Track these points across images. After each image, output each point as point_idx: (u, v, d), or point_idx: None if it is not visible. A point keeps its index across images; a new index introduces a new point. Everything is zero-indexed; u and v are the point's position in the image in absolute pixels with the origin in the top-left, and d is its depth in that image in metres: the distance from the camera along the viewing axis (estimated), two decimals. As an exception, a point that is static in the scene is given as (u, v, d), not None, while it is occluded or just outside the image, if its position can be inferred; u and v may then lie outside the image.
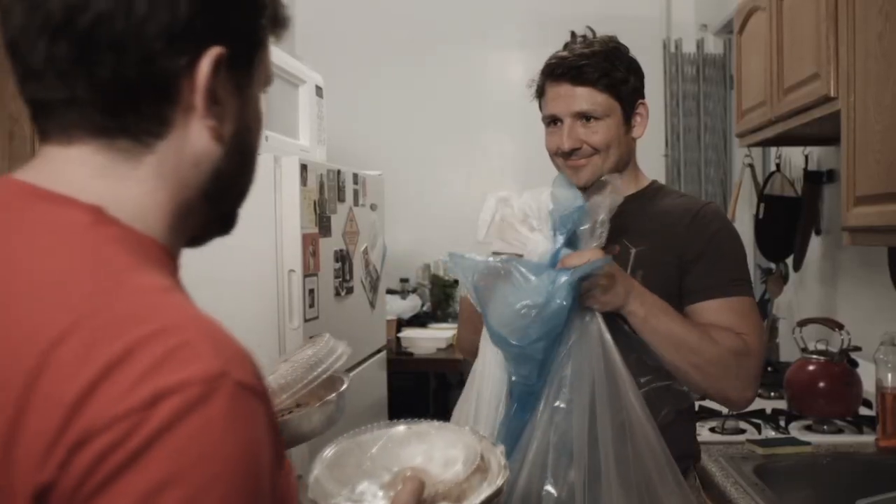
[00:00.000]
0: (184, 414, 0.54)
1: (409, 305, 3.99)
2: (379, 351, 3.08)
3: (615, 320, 1.34)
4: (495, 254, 1.38)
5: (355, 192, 2.77)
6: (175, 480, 0.53)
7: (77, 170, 0.66)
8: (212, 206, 0.73)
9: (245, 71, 0.70)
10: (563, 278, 1.21)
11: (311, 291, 2.32)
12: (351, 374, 1.17)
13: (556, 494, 1.20)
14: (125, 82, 0.63)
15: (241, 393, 0.57)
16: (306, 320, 2.28)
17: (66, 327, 0.55)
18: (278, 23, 0.73)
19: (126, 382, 0.53)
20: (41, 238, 0.62)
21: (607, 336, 1.27)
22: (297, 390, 1.02)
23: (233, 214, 0.78)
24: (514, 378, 1.27)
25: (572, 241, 1.32)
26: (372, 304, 2.97)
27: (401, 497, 0.87)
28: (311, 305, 2.32)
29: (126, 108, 0.65)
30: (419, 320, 4.01)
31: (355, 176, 2.78)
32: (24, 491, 0.53)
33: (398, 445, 1.02)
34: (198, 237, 0.76)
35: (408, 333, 3.77)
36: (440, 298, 4.08)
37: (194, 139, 0.67)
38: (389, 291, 3.73)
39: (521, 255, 1.35)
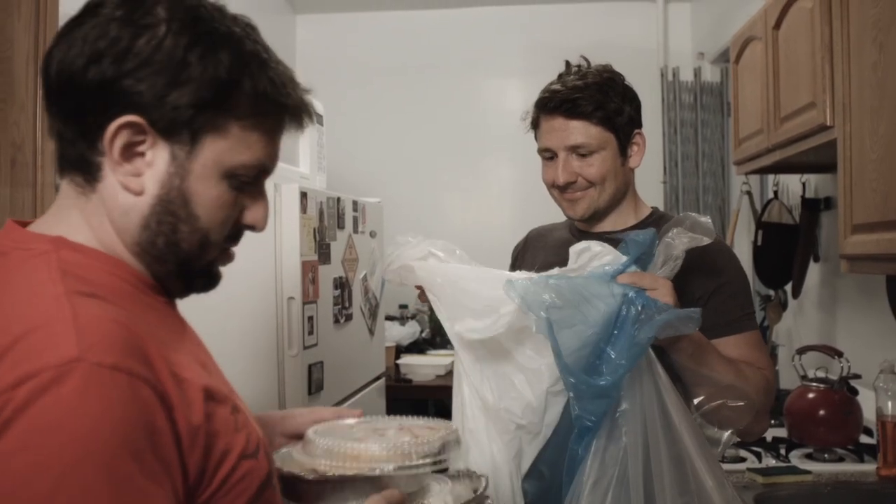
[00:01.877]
0: (39, 393, 0.65)
1: (408, 332, 3.98)
2: (378, 378, 3.07)
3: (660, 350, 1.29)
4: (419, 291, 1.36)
5: (355, 220, 2.78)
6: (26, 448, 0.64)
7: (63, 202, 0.83)
8: (154, 261, 0.83)
9: (184, 146, 0.79)
10: (640, 303, 1.17)
11: (311, 319, 2.32)
12: (360, 410, 1.18)
13: None
14: (69, 123, 0.78)
15: (100, 372, 0.67)
16: (305, 347, 2.27)
17: None
18: (271, 116, 0.83)
19: (3, 369, 0.66)
20: (11, 268, 0.77)
21: (658, 366, 1.22)
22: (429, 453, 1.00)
23: (191, 275, 0.86)
24: (576, 412, 1.22)
25: (638, 264, 1.26)
26: (371, 331, 2.97)
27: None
28: (311, 333, 2.32)
29: (74, 147, 0.79)
30: (418, 347, 4.00)
31: (355, 203, 2.79)
32: None
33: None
34: (169, 290, 0.86)
35: (407, 360, 3.76)
36: (439, 325, 4.07)
37: (120, 189, 0.79)
38: (388, 318, 3.73)
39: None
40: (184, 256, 0.83)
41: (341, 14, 4.47)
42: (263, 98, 0.81)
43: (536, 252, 1.64)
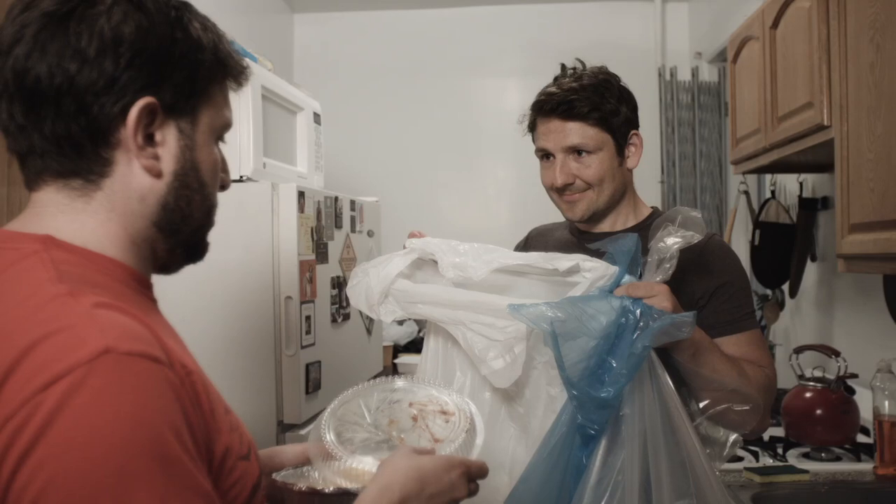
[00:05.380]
0: (74, 390, 0.64)
1: (406, 331, 3.98)
2: (375, 377, 3.07)
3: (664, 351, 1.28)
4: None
5: (352, 219, 2.78)
6: (74, 446, 0.63)
7: (44, 210, 0.81)
8: (167, 236, 0.85)
9: (187, 118, 0.82)
10: (638, 310, 1.17)
11: (308, 318, 2.32)
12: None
13: None
14: (67, 130, 0.77)
15: (131, 360, 0.67)
16: (303, 347, 2.27)
17: None
18: (231, 75, 0.87)
19: (26, 375, 0.65)
20: (2, 267, 0.76)
21: (660, 370, 1.21)
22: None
23: (195, 244, 0.89)
24: (580, 421, 1.22)
25: (631, 271, 1.26)
26: (368, 331, 2.97)
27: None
28: (308, 332, 2.32)
29: (73, 153, 0.78)
30: (416, 346, 4.00)
31: (352, 202, 2.79)
32: None
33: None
34: (166, 265, 0.88)
35: (404, 359, 3.76)
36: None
37: (136, 176, 0.80)
38: (386, 317, 3.72)
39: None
40: (196, 223, 0.86)
41: (339, 13, 4.47)
42: (227, 58, 0.86)
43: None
